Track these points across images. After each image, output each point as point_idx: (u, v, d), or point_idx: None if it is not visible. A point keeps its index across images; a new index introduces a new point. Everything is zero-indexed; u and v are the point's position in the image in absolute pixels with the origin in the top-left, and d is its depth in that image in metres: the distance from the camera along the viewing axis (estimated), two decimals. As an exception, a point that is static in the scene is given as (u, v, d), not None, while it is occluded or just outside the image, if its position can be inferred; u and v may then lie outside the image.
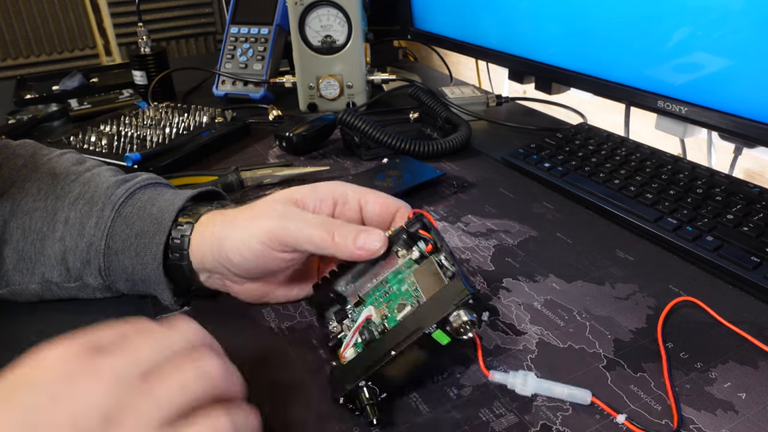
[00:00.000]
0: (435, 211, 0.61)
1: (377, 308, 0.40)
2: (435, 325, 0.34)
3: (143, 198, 0.46)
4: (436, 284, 0.37)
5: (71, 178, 0.48)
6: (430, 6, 0.94)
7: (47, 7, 1.89)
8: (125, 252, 0.44)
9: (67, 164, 0.49)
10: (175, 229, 0.44)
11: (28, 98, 0.98)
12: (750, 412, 0.36)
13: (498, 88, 1.15)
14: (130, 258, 0.44)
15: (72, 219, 0.45)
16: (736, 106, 0.55)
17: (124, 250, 0.44)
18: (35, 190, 0.47)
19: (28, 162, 0.49)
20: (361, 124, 0.71)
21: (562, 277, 0.49)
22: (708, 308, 0.44)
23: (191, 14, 2.06)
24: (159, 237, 0.44)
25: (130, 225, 0.45)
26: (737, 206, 0.54)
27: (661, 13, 0.60)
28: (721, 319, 0.43)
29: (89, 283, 0.46)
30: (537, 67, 0.78)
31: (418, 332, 0.34)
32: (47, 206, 0.46)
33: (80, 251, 0.45)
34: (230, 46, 0.98)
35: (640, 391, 0.38)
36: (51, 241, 0.45)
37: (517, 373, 0.38)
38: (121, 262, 0.45)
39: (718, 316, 0.43)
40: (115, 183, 0.47)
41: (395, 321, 0.38)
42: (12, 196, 0.46)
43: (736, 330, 0.42)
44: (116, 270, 0.45)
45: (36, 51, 1.92)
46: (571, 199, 0.62)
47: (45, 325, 0.46)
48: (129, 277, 0.45)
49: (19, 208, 0.46)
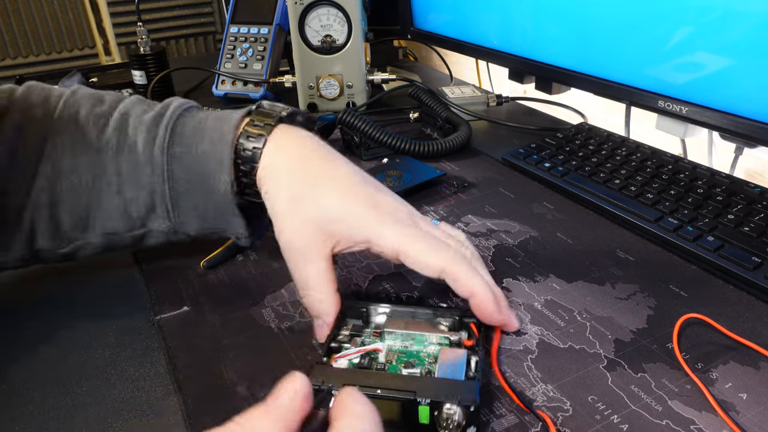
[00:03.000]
0: (435, 211, 0.61)
1: (389, 351, 0.40)
2: (429, 400, 0.33)
3: (188, 131, 0.44)
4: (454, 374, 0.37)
5: (101, 123, 0.44)
6: (430, 5, 0.94)
7: (46, 6, 1.88)
8: (192, 192, 0.43)
9: (87, 107, 0.46)
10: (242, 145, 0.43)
11: (27, 98, 0.98)
12: (751, 413, 0.36)
13: (498, 87, 1.15)
14: (198, 196, 0.43)
15: (124, 170, 0.43)
16: (737, 106, 0.55)
17: (189, 191, 0.43)
18: (70, 145, 0.44)
19: (46, 111, 0.45)
20: (361, 124, 0.71)
21: (562, 278, 0.49)
22: (719, 325, 0.42)
23: (191, 14, 2.06)
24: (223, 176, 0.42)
25: (188, 166, 0.43)
26: (738, 206, 0.54)
27: (662, 12, 0.60)
28: (730, 333, 0.42)
29: (155, 228, 0.44)
30: (537, 67, 0.78)
31: (410, 394, 0.34)
32: (91, 161, 0.43)
33: (142, 200, 0.43)
34: (230, 46, 0.98)
35: (640, 392, 0.38)
36: (108, 196, 0.43)
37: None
38: (190, 201, 0.43)
39: (728, 330, 0.42)
40: (152, 121, 0.44)
41: (396, 370, 0.38)
42: (49, 156, 0.43)
43: (747, 342, 0.42)
44: (185, 209, 0.44)
45: (35, 51, 1.92)
46: (571, 199, 0.62)
47: (45, 322, 0.46)
48: (200, 214, 0.44)
49: (60, 167, 0.43)
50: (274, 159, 0.43)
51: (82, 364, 0.42)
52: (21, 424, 0.37)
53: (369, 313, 0.43)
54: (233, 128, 0.43)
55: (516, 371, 0.40)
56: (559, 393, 0.38)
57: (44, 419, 0.38)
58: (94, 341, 0.44)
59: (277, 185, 0.42)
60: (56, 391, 0.40)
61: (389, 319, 0.42)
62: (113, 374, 0.41)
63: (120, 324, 0.46)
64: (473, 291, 0.40)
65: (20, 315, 0.47)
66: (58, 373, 0.41)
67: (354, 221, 0.41)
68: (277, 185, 0.42)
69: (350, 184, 0.43)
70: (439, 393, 0.34)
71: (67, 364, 0.42)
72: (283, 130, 0.44)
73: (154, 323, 0.46)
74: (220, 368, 0.41)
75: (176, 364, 0.42)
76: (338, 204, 0.41)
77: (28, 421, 0.38)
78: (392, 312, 0.43)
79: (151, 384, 0.40)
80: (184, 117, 0.45)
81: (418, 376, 0.37)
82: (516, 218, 0.59)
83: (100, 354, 0.43)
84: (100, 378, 0.41)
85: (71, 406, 0.39)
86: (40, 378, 0.41)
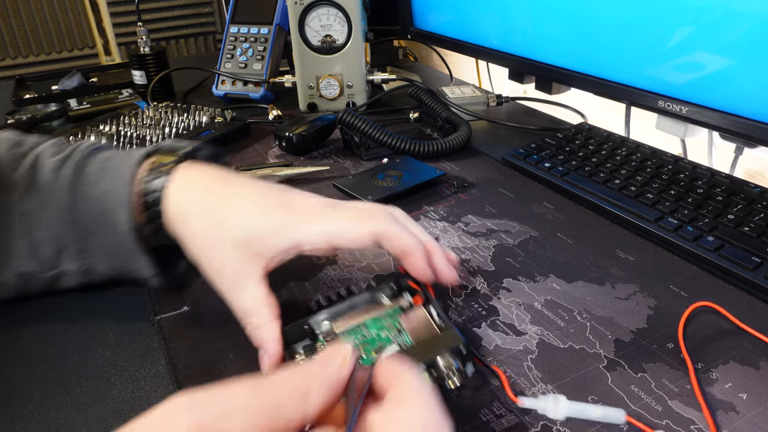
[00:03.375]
0: (435, 211, 0.61)
1: (354, 348, 0.39)
2: (423, 365, 0.33)
3: (93, 170, 0.44)
4: (427, 332, 0.37)
5: (14, 165, 0.45)
6: (430, 5, 0.94)
7: (46, 6, 1.88)
8: (97, 232, 0.43)
9: (4, 149, 0.47)
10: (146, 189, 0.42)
11: (27, 98, 0.98)
12: (751, 413, 0.36)
13: (498, 87, 1.15)
14: (102, 235, 0.43)
15: (32, 211, 0.44)
16: (737, 106, 0.55)
17: (94, 231, 0.43)
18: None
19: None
20: (361, 124, 0.71)
21: (562, 278, 0.49)
22: (726, 312, 0.43)
23: (191, 14, 2.06)
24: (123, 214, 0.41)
25: (91, 205, 0.43)
26: (738, 206, 0.54)
27: (662, 12, 0.60)
28: (738, 322, 0.42)
29: (67, 268, 0.44)
30: (537, 67, 0.78)
31: None
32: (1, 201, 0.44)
33: (50, 240, 0.43)
34: (230, 46, 0.98)
35: (640, 392, 0.38)
36: (18, 236, 0.44)
37: (547, 397, 0.36)
38: (95, 241, 0.43)
39: (736, 319, 0.43)
40: (60, 162, 0.44)
41: (370, 361, 0.37)
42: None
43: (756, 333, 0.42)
44: (92, 249, 0.43)
45: (35, 51, 1.92)
46: (571, 199, 0.62)
47: (45, 322, 0.46)
48: (107, 255, 0.43)
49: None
50: (179, 201, 0.42)
51: (82, 364, 0.42)
52: (21, 424, 0.37)
53: (312, 327, 0.41)
54: (134, 166, 0.43)
55: (516, 371, 0.40)
56: (559, 393, 0.38)
57: (44, 419, 0.38)
58: (94, 341, 0.44)
59: (188, 226, 0.41)
60: (56, 391, 0.40)
61: (333, 322, 0.41)
62: (113, 374, 0.41)
63: (120, 324, 0.46)
64: (405, 249, 0.40)
65: (20, 315, 0.47)
66: (58, 373, 0.41)
67: (273, 232, 0.39)
68: (187, 227, 0.41)
69: (258, 198, 0.41)
70: (426, 354, 0.34)
71: (67, 364, 0.42)
72: (185, 169, 0.43)
73: (154, 323, 0.46)
74: (220, 368, 0.41)
75: (176, 364, 0.42)
76: (252, 222, 0.40)
77: (28, 421, 0.38)
78: (331, 315, 0.41)
79: (151, 384, 0.40)
80: (91, 157, 0.45)
81: (398, 353, 0.37)
82: (516, 218, 0.59)
83: (100, 354, 0.43)
84: (100, 378, 0.41)
85: (71, 406, 0.39)
86: (40, 378, 0.41)
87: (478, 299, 0.47)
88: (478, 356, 0.38)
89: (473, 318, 0.45)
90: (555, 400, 0.36)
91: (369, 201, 0.61)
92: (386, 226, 0.40)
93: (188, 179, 0.43)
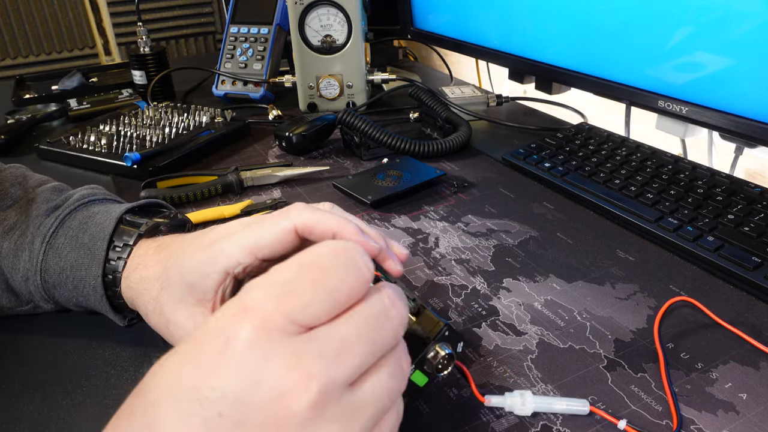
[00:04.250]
0: (435, 211, 0.61)
1: None
2: (413, 366, 0.30)
3: (74, 225, 0.45)
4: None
5: (7, 203, 0.47)
6: (430, 5, 0.94)
7: (46, 6, 1.88)
8: (63, 285, 0.43)
9: (6, 185, 0.48)
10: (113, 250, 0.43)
11: (27, 98, 0.98)
12: (751, 413, 0.36)
13: (498, 87, 1.15)
14: (69, 290, 0.44)
15: (5, 250, 0.44)
16: (737, 106, 0.55)
17: (61, 284, 0.43)
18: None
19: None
20: (361, 124, 0.71)
21: (562, 278, 0.49)
22: (704, 308, 0.44)
23: (191, 14, 2.06)
24: (95, 269, 0.42)
25: (63, 257, 0.43)
26: (738, 206, 0.54)
27: (662, 12, 0.60)
28: (717, 318, 0.43)
29: (41, 306, 0.45)
30: (537, 67, 0.78)
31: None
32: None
33: (20, 281, 0.44)
34: (230, 46, 0.98)
35: (640, 392, 0.38)
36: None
37: (513, 394, 0.37)
38: (61, 294, 0.44)
39: (715, 315, 0.43)
40: (45, 211, 0.45)
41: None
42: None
43: (736, 331, 0.42)
44: (60, 298, 0.44)
45: (35, 50, 1.92)
46: (571, 199, 0.62)
47: (45, 322, 0.46)
48: (75, 304, 0.45)
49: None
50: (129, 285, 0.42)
51: (82, 364, 0.42)
52: (21, 424, 0.37)
53: None
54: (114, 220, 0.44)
55: (516, 371, 0.40)
56: (559, 393, 0.38)
57: (44, 419, 0.38)
58: (94, 341, 0.44)
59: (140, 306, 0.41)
60: (56, 391, 0.40)
61: None
62: (113, 374, 0.41)
63: (120, 324, 0.46)
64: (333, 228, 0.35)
65: (20, 315, 0.47)
66: (58, 373, 0.41)
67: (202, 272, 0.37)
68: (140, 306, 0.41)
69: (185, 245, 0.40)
70: (412, 351, 0.29)
71: (67, 364, 0.42)
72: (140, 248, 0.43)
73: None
74: (220, 368, 0.41)
75: (176, 364, 0.41)
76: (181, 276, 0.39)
77: (28, 421, 0.38)
78: None
79: (151, 384, 0.40)
80: (79, 210, 0.46)
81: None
82: (516, 218, 0.59)
83: (100, 354, 0.43)
84: (100, 378, 0.41)
85: (71, 406, 0.39)
86: (40, 378, 0.41)
87: (478, 299, 0.47)
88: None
89: (473, 318, 0.45)
90: (521, 396, 0.36)
91: (368, 201, 0.61)
92: (300, 215, 0.36)
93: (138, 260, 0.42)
